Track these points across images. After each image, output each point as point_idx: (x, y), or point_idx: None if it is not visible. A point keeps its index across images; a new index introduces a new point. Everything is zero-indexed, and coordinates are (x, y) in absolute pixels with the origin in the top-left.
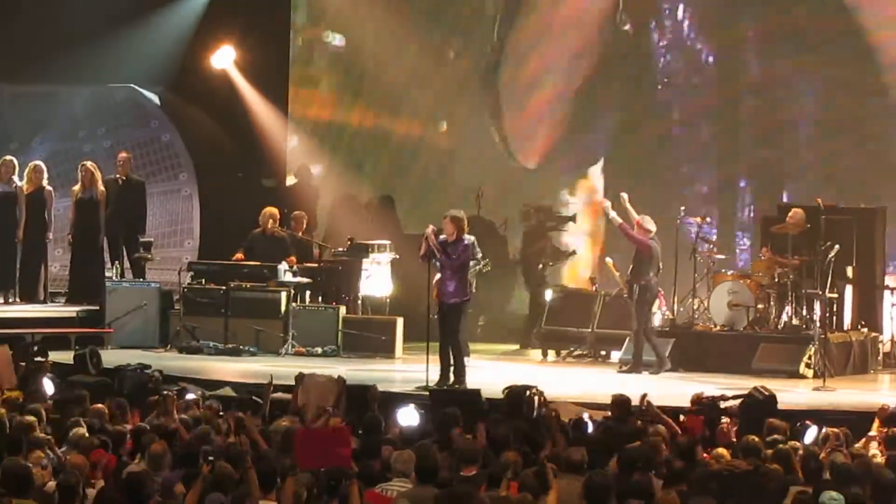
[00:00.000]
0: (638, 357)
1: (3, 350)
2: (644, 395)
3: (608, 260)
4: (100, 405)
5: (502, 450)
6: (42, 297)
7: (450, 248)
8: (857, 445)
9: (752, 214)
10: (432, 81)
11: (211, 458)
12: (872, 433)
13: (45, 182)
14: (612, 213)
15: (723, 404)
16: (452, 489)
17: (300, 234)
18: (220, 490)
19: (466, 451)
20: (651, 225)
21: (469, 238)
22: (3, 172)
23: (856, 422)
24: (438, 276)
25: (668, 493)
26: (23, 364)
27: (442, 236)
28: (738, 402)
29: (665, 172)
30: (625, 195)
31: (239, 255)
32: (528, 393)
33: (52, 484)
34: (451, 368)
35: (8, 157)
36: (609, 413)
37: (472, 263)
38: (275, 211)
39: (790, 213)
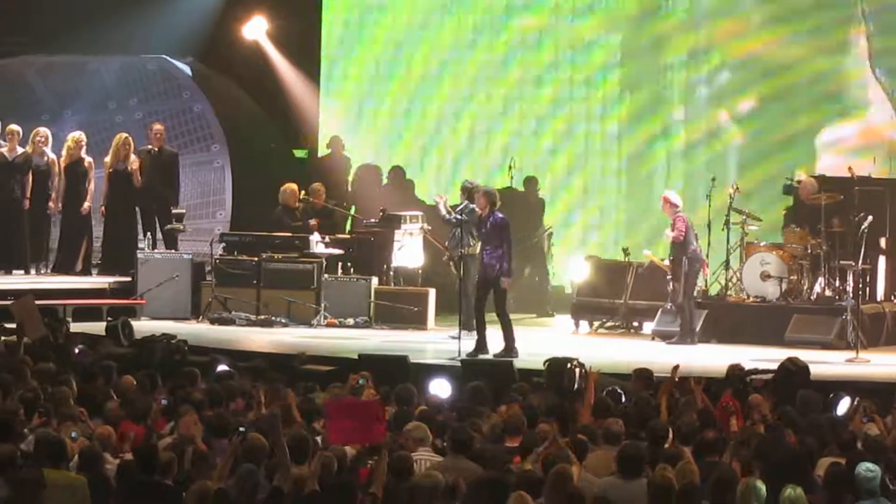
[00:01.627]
0: (686, 327)
1: (28, 299)
2: (676, 366)
3: (646, 252)
4: (128, 377)
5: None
6: (80, 269)
7: (483, 222)
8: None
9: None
10: (470, 53)
11: (242, 429)
12: None
13: (83, 153)
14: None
15: (755, 377)
16: (489, 477)
17: (320, 204)
18: (252, 461)
19: (512, 422)
20: (677, 199)
21: (500, 216)
22: (36, 144)
23: (889, 393)
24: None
25: (689, 464)
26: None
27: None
28: (769, 375)
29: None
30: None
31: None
32: (569, 365)
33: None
34: (484, 338)
35: (42, 129)
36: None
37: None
38: (293, 186)
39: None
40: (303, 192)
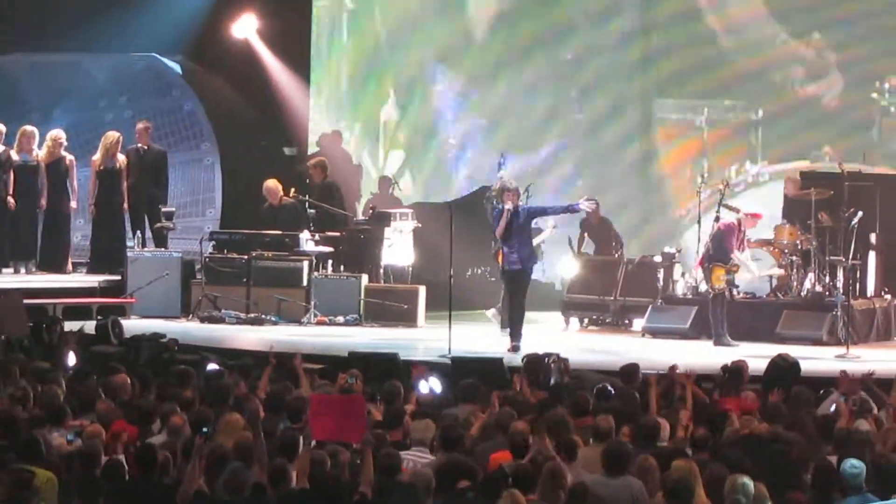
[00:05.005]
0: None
1: (13, 296)
2: (673, 367)
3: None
4: (121, 376)
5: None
6: (70, 268)
7: (516, 217)
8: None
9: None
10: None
11: (205, 430)
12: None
13: (63, 151)
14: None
15: None
16: (454, 458)
17: (323, 180)
18: (245, 458)
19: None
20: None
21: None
22: (23, 142)
23: (880, 388)
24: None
25: (687, 462)
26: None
27: (508, 206)
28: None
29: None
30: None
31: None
32: (546, 360)
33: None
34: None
35: (28, 128)
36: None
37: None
38: (276, 183)
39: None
40: (293, 189)
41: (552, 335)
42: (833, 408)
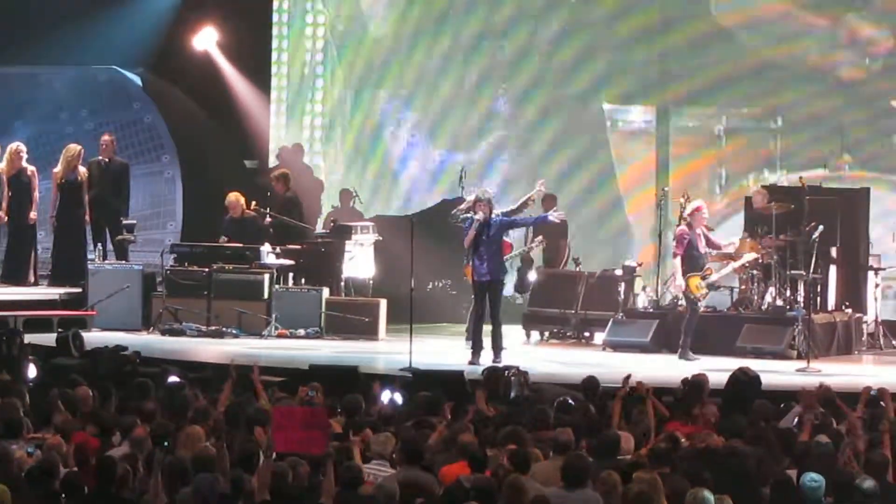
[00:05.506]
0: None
1: None
2: (627, 376)
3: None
4: (82, 388)
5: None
6: (33, 280)
7: (488, 227)
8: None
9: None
10: (416, 58)
11: (166, 443)
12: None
13: (25, 163)
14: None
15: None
16: (414, 475)
17: (285, 192)
18: (206, 470)
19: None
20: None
21: (496, 216)
22: None
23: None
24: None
25: (648, 474)
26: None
27: (478, 216)
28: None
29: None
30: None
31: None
32: (506, 373)
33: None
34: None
35: None
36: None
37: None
38: (237, 196)
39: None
40: (254, 202)
41: (513, 348)
42: (795, 421)
